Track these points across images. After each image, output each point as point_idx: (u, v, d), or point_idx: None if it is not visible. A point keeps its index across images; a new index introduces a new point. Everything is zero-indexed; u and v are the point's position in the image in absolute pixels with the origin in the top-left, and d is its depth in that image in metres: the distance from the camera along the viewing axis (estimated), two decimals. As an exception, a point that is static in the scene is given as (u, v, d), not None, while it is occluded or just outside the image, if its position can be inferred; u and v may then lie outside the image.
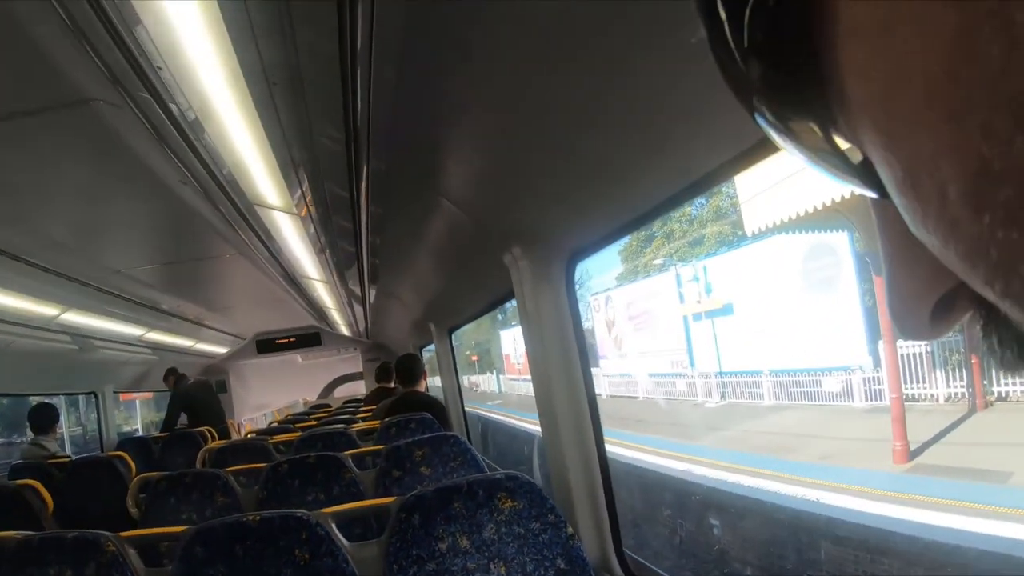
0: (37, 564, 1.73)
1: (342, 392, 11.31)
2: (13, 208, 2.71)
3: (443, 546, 1.71)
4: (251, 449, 3.80)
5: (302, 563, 1.67)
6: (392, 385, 5.46)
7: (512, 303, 2.58)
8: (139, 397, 14.69)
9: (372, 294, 5.11)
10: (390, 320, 7.09)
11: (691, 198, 1.65)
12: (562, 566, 1.72)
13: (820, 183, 6.38)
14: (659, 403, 12.54)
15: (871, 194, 0.23)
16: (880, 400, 8.20)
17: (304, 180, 2.33)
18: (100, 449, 6.63)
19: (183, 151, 2.07)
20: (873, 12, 0.18)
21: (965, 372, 7.48)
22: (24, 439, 14.58)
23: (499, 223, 2.23)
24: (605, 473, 2.18)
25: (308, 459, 2.84)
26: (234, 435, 7.62)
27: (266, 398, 11.08)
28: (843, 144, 0.23)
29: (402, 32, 1.32)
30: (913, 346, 7.65)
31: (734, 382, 11.12)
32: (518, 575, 1.71)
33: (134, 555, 1.78)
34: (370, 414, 5.03)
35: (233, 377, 10.03)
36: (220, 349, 9.03)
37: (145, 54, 1.47)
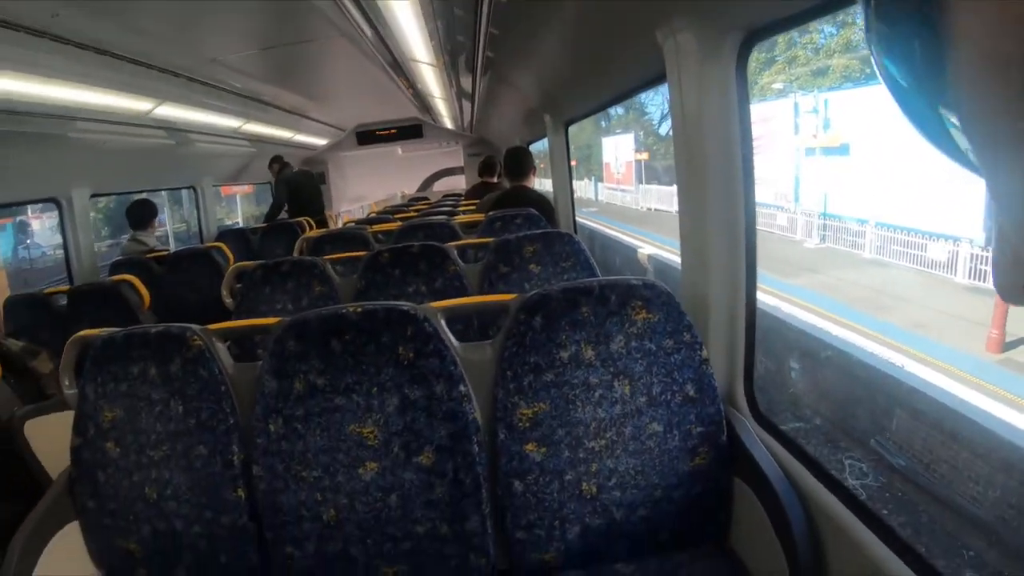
0: (121, 361, 1.65)
1: (441, 187, 11.34)
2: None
3: (565, 355, 1.53)
4: (350, 238, 3.75)
5: (406, 362, 1.53)
6: (495, 180, 5.41)
7: (619, 111, 2.23)
8: (239, 191, 15.15)
9: (483, 84, 4.87)
10: (498, 111, 6.83)
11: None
12: (691, 393, 1.53)
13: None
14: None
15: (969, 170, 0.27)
16: (982, 280, 7.77)
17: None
18: (200, 241, 6.81)
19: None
20: None
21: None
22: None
23: None
24: (751, 309, 1.86)
25: (411, 248, 2.73)
26: (331, 226, 7.74)
27: (364, 190, 11.25)
28: None
29: None
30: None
31: (836, 226, 10.65)
32: (642, 397, 1.53)
33: (222, 349, 1.68)
34: (472, 207, 4.94)
35: (332, 168, 10.18)
36: (320, 141, 9.09)
37: None
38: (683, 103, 1.83)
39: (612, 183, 20.96)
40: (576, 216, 5.19)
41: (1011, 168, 0.21)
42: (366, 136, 9.43)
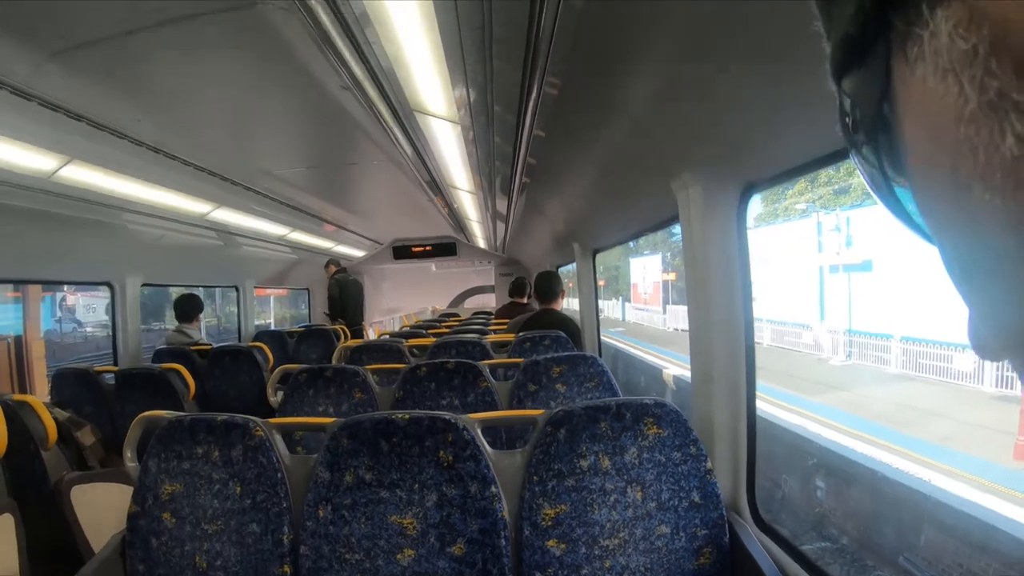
0: (187, 441, 1.87)
1: (470, 304, 11.54)
2: (174, 109, 2.85)
3: (584, 464, 1.72)
4: (387, 350, 3.93)
5: (445, 464, 1.73)
6: (525, 301, 5.58)
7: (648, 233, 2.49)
8: (273, 293, 15.51)
9: (517, 209, 5.12)
10: (530, 236, 7.12)
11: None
12: (696, 499, 1.72)
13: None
14: (781, 352, 12.23)
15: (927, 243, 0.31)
16: (1010, 388, 7.73)
17: (472, 91, 2.32)
18: (239, 339, 7.11)
19: (348, 56, 2.10)
20: (916, 157, 0.27)
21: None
22: (162, 326, 15.83)
23: (671, 147, 2.15)
24: (751, 422, 2.12)
25: (447, 364, 2.90)
26: (365, 336, 7.99)
27: (397, 303, 11.46)
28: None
29: None
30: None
31: (862, 342, 10.65)
32: (652, 502, 1.71)
33: (279, 441, 1.89)
34: (503, 327, 5.12)
35: (367, 280, 10.40)
36: (357, 252, 9.39)
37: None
38: (692, 242, 2.14)
39: (639, 303, 21.04)
40: (603, 335, 5.38)
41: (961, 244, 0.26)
42: (402, 251, 9.72)
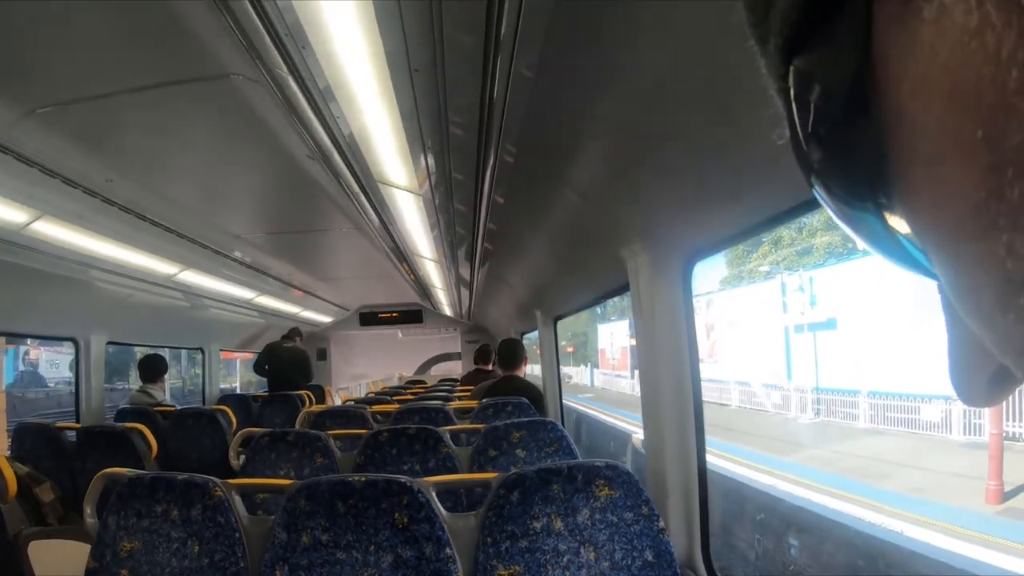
0: (146, 499, 1.88)
1: (436, 371, 11.53)
2: (146, 171, 2.93)
3: (537, 525, 1.75)
4: (350, 415, 3.94)
5: (400, 526, 1.75)
6: (490, 367, 5.56)
7: (615, 298, 2.58)
8: (240, 357, 15.37)
9: (480, 276, 5.20)
10: (494, 303, 7.20)
11: (813, 210, 1.64)
12: (649, 558, 1.75)
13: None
14: (750, 413, 12.31)
15: (925, 277, 0.26)
16: (979, 435, 7.83)
17: (431, 163, 2.40)
18: (203, 402, 7.05)
19: (314, 127, 2.18)
20: (924, 142, 0.21)
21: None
22: (126, 386, 15.55)
23: (621, 218, 2.24)
24: (703, 478, 2.18)
25: (407, 430, 2.92)
26: (329, 401, 7.92)
27: (363, 369, 11.40)
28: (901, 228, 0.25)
29: (544, 31, 1.36)
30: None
31: (830, 399, 10.78)
32: (606, 562, 1.74)
33: (239, 501, 1.91)
34: (467, 393, 5.13)
35: (334, 346, 10.42)
36: (324, 318, 9.38)
37: (291, 33, 1.56)
38: (642, 305, 2.24)
39: (608, 368, 21.01)
40: (573, 401, 5.43)
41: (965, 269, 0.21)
42: (369, 317, 9.79)
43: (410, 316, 9.78)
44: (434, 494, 1.83)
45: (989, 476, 6.79)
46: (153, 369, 5.45)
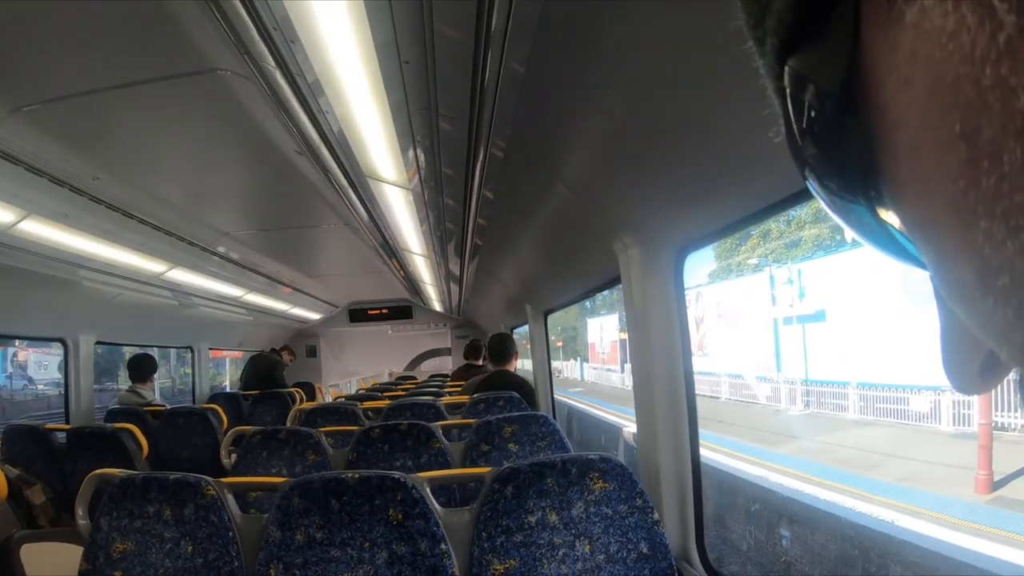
0: (138, 500, 1.87)
1: (427, 366, 11.52)
2: (133, 168, 2.89)
3: (532, 519, 1.76)
4: (341, 412, 3.93)
5: (394, 523, 1.75)
6: (480, 363, 5.61)
7: (604, 292, 2.58)
8: (230, 355, 15.34)
9: (470, 272, 5.21)
10: (484, 298, 7.20)
11: (801, 203, 1.65)
12: (644, 550, 1.75)
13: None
14: (741, 405, 12.35)
15: (915, 267, 0.27)
16: (968, 425, 7.85)
17: (420, 157, 2.39)
18: (192, 401, 7.00)
19: (303, 123, 2.16)
20: (908, 138, 0.22)
21: (1062, 404, 7.09)
22: (115, 386, 15.49)
23: (611, 211, 2.24)
24: (696, 469, 2.19)
25: (399, 426, 2.91)
26: (320, 398, 7.90)
27: (354, 366, 11.37)
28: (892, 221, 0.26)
29: (535, 25, 1.36)
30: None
31: (819, 391, 10.80)
32: (601, 555, 1.75)
33: (231, 500, 1.91)
34: (458, 389, 5.12)
35: (323, 343, 10.40)
36: (313, 315, 9.32)
37: (279, 27, 1.55)
38: (633, 298, 2.23)
39: (597, 363, 20.95)
40: (563, 396, 5.44)
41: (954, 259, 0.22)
42: (358, 314, 9.75)
43: (400, 312, 9.74)
44: (428, 490, 1.83)
45: (979, 466, 6.82)
46: (142, 369, 5.42)
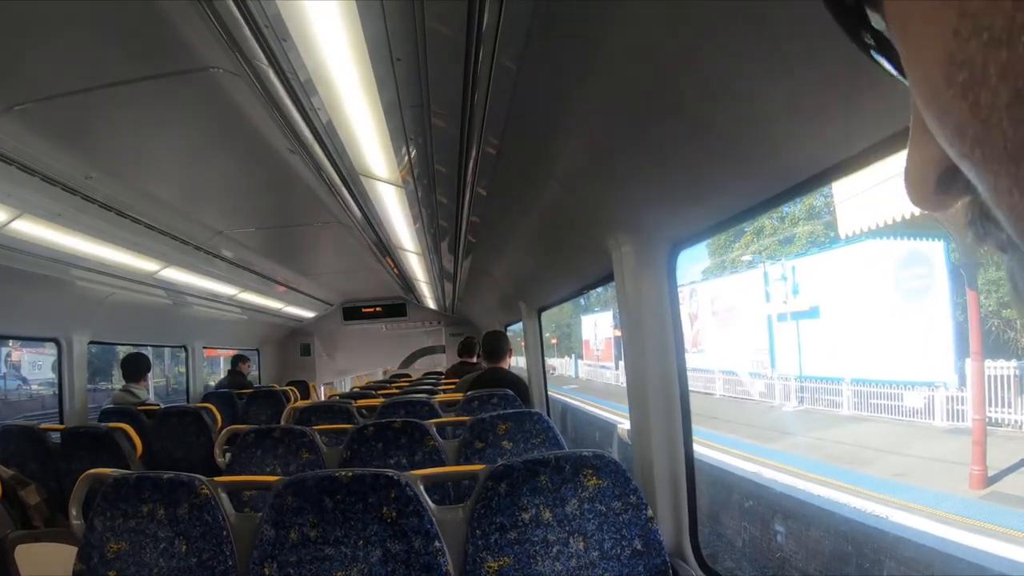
0: (132, 500, 1.87)
1: (421, 364, 11.52)
2: (125, 167, 2.88)
3: (526, 516, 1.76)
4: (336, 410, 3.93)
5: (388, 520, 1.75)
6: (474, 360, 5.58)
7: (598, 289, 2.59)
8: (223, 354, 15.33)
9: (464, 269, 5.20)
10: (478, 296, 7.20)
11: (793, 198, 1.66)
12: (638, 547, 1.76)
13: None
14: (735, 402, 12.39)
15: (897, 75, 0.30)
16: (962, 421, 7.91)
17: (413, 154, 2.38)
18: (187, 400, 6.99)
19: (295, 120, 2.15)
20: None
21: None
22: (109, 386, 15.46)
23: (605, 208, 2.25)
24: (690, 465, 2.20)
25: (393, 424, 2.92)
26: (314, 397, 7.89)
27: (348, 364, 11.36)
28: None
29: (527, 22, 1.36)
30: (1001, 367, 7.31)
31: (813, 387, 10.85)
32: (595, 552, 1.75)
33: (225, 499, 1.91)
34: (452, 387, 5.11)
35: (317, 341, 10.38)
36: (307, 313, 9.32)
37: (271, 25, 1.54)
38: (627, 295, 2.24)
39: (592, 360, 21.07)
40: (557, 392, 5.44)
41: None
42: (352, 312, 9.74)
43: (394, 310, 9.72)
44: (422, 487, 1.83)
45: (973, 461, 6.84)
46: (136, 368, 5.40)
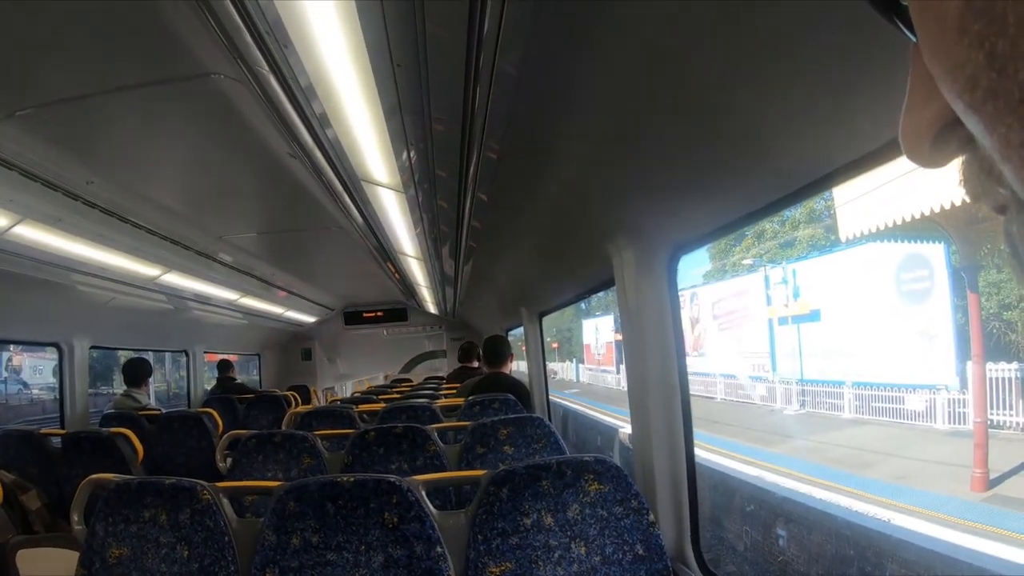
0: (134, 505, 1.87)
1: (422, 369, 11.51)
2: (127, 173, 2.90)
3: (528, 521, 1.76)
4: (337, 415, 3.92)
5: (390, 526, 1.75)
6: (475, 365, 5.57)
7: (599, 293, 2.59)
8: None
9: (465, 274, 5.21)
10: (479, 301, 7.21)
11: (794, 203, 1.66)
12: (640, 552, 1.76)
13: (920, 191, 6.20)
14: (736, 406, 12.36)
15: (903, 29, 0.29)
16: (963, 423, 7.86)
17: (414, 160, 2.39)
18: (188, 405, 7.01)
19: (296, 126, 2.16)
20: None
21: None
22: (110, 390, 15.46)
23: (606, 213, 2.25)
24: (691, 469, 2.20)
25: (395, 429, 2.91)
26: (315, 401, 7.88)
27: (349, 369, 11.36)
28: None
29: (528, 28, 1.36)
30: (1003, 370, 7.29)
31: (815, 391, 10.81)
32: (597, 557, 1.75)
33: (227, 504, 1.90)
34: (453, 391, 5.11)
35: (318, 346, 10.38)
36: (308, 318, 9.32)
37: (272, 31, 1.55)
38: (627, 299, 2.25)
39: (593, 364, 21.02)
40: (559, 397, 5.43)
41: None
42: (353, 317, 9.74)
43: (395, 315, 9.73)
44: (423, 492, 1.83)
45: (974, 464, 6.79)
46: (137, 373, 5.41)
